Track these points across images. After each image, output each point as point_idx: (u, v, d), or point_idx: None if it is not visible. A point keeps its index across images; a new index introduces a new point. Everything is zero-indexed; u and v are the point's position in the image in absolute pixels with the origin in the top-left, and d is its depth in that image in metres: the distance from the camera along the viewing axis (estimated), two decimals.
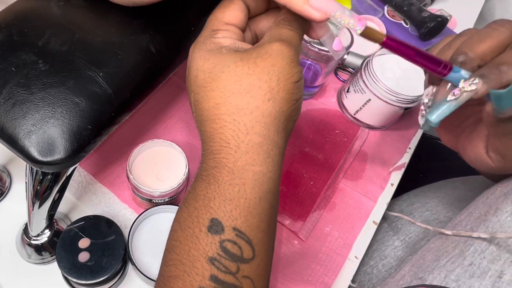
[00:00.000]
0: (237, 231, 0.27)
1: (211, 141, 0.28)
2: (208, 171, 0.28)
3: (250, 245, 0.27)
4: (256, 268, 0.28)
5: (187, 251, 0.27)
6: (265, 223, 0.28)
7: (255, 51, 0.29)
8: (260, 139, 0.28)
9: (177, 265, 0.27)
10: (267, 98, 0.28)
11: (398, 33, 0.71)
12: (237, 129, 0.28)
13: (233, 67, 0.28)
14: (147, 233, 0.48)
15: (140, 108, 0.39)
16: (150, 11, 0.38)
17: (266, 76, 0.28)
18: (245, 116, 0.27)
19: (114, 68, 0.35)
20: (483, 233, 0.37)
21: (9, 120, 0.32)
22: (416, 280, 0.39)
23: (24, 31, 0.34)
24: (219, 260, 0.26)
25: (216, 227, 0.27)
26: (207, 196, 0.28)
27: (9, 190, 0.52)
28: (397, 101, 0.57)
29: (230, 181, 0.27)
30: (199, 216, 0.27)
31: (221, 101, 0.28)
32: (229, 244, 0.27)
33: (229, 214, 0.27)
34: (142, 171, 0.49)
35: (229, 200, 0.27)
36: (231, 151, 0.28)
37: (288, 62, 0.28)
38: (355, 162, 0.61)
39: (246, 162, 0.27)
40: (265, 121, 0.28)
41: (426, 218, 0.56)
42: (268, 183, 0.28)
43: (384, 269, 0.55)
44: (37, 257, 0.47)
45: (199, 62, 0.30)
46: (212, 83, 0.28)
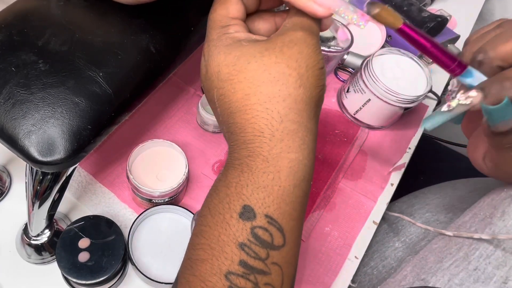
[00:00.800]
0: (269, 218, 0.27)
1: (243, 132, 0.28)
2: (241, 160, 0.28)
3: (281, 233, 0.27)
4: (286, 255, 0.28)
5: (216, 236, 0.27)
6: (297, 211, 0.28)
7: (278, 40, 0.29)
8: (294, 126, 0.28)
9: (206, 249, 0.27)
10: (298, 85, 0.28)
11: None
12: (270, 118, 0.28)
13: (259, 57, 0.28)
14: (147, 233, 0.48)
15: (140, 108, 0.39)
16: (150, 11, 0.38)
17: (295, 63, 0.28)
18: (278, 104, 0.28)
19: (114, 68, 0.35)
20: (484, 234, 0.36)
21: (9, 120, 0.32)
22: (418, 281, 0.39)
23: (24, 31, 0.34)
24: (249, 246, 0.26)
25: (248, 213, 0.27)
26: (239, 183, 0.28)
27: (9, 190, 0.52)
28: (397, 101, 0.57)
29: (265, 169, 0.27)
30: (230, 203, 0.28)
31: (251, 91, 0.28)
32: (260, 231, 0.27)
33: (262, 201, 0.27)
34: (142, 171, 0.49)
35: (263, 187, 0.27)
36: (266, 140, 0.28)
37: (313, 50, 0.29)
38: (355, 162, 0.61)
39: (281, 150, 0.27)
40: (298, 107, 0.28)
41: (426, 219, 0.56)
42: (303, 170, 0.28)
43: (384, 270, 0.55)
44: (37, 257, 0.47)
45: (219, 57, 0.29)
46: (238, 75, 0.28)
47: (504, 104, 0.30)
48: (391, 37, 0.72)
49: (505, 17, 0.37)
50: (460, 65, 0.32)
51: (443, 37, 0.72)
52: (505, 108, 0.30)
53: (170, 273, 0.46)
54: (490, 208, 0.39)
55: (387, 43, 0.72)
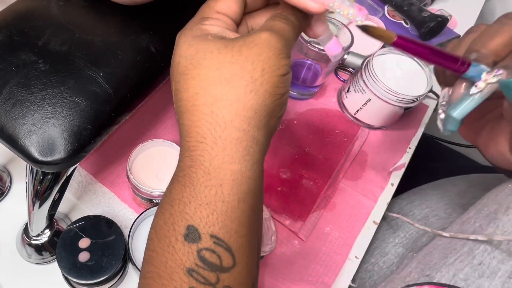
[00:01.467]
0: (215, 238, 0.25)
1: (188, 136, 0.26)
2: (184, 171, 0.26)
3: (229, 253, 0.25)
4: (238, 276, 0.26)
5: (164, 262, 0.25)
6: (245, 227, 0.26)
7: (241, 39, 0.27)
8: (239, 134, 0.26)
9: (155, 278, 0.26)
10: (249, 90, 0.25)
11: (398, 33, 0.72)
12: (214, 122, 0.25)
13: (216, 53, 0.26)
14: (147, 233, 0.48)
15: (140, 108, 0.39)
16: (150, 11, 0.38)
17: (250, 66, 0.26)
18: (224, 108, 0.25)
19: (114, 68, 0.35)
20: (480, 235, 0.36)
21: (9, 120, 0.32)
22: (423, 277, 0.39)
23: (24, 31, 0.34)
24: (197, 271, 0.25)
25: (193, 235, 0.25)
26: (182, 200, 0.26)
27: (9, 190, 0.52)
28: (397, 101, 0.57)
29: (206, 183, 0.25)
30: (174, 223, 0.26)
31: (200, 90, 0.26)
32: (207, 253, 0.25)
33: (205, 220, 0.25)
34: (142, 171, 0.49)
35: (206, 204, 0.25)
36: (208, 148, 0.26)
37: (275, 53, 0.26)
38: (355, 162, 0.61)
39: (223, 160, 0.25)
40: (245, 114, 0.26)
41: (426, 215, 0.56)
42: (247, 183, 0.26)
43: (385, 266, 0.55)
44: (37, 257, 0.47)
45: (182, 47, 0.28)
46: (193, 70, 0.26)
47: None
48: None
49: None
50: (464, 63, 0.32)
51: (443, 37, 0.72)
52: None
53: None
54: (494, 204, 0.39)
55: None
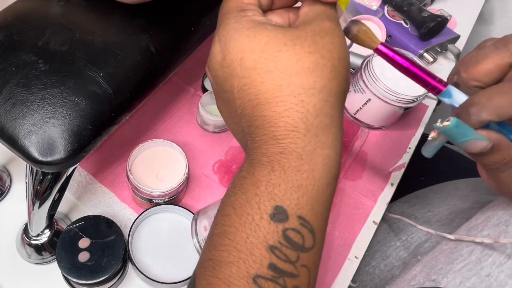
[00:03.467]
0: (302, 220, 0.26)
1: (273, 126, 0.26)
2: (271, 157, 0.26)
3: (312, 234, 0.26)
4: (314, 256, 0.27)
5: (244, 238, 0.26)
6: (327, 210, 0.27)
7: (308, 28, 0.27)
8: (328, 120, 0.26)
9: (231, 251, 0.26)
10: (333, 76, 0.26)
11: (398, 33, 0.71)
12: (305, 111, 0.26)
13: (291, 45, 0.26)
14: (147, 233, 0.48)
15: (140, 108, 0.39)
16: (150, 11, 0.38)
17: (328, 54, 0.26)
18: (313, 97, 0.26)
19: (114, 68, 0.35)
20: (486, 238, 0.36)
21: (9, 120, 0.32)
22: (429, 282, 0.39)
23: (24, 31, 0.34)
24: (280, 248, 0.25)
25: (281, 215, 0.25)
26: (270, 182, 0.26)
27: (9, 190, 0.52)
28: (397, 101, 0.57)
29: (299, 167, 0.26)
30: (260, 203, 0.26)
31: (283, 82, 0.26)
32: (292, 233, 0.25)
33: (295, 201, 0.26)
34: (142, 171, 0.49)
35: (297, 187, 0.26)
36: (300, 135, 0.26)
37: (342, 41, 0.27)
38: (355, 162, 0.61)
39: (316, 146, 0.26)
40: (332, 100, 0.26)
41: (428, 219, 0.56)
42: (335, 167, 0.27)
43: (386, 269, 0.55)
44: (37, 257, 0.47)
45: (243, 41, 0.27)
46: (267, 63, 0.26)
47: (453, 125, 0.29)
48: (391, 37, 0.72)
49: (505, 17, 0.36)
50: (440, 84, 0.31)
51: (443, 37, 0.72)
52: (455, 129, 0.29)
53: (170, 273, 0.46)
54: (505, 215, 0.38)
55: (387, 43, 0.72)
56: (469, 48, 0.99)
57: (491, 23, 1.00)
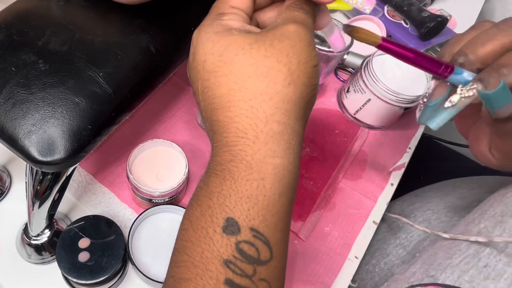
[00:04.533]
0: (254, 232, 0.25)
1: (225, 132, 0.26)
2: (223, 165, 0.26)
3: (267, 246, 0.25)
4: (273, 270, 0.26)
5: (199, 252, 0.25)
6: (283, 221, 0.26)
7: (270, 32, 0.27)
8: (280, 128, 0.25)
9: (189, 267, 0.26)
10: (288, 82, 0.25)
11: (398, 33, 0.71)
12: (255, 117, 0.25)
13: (248, 49, 0.26)
14: (147, 233, 0.48)
15: (140, 108, 0.39)
16: (150, 11, 0.38)
17: (285, 58, 0.25)
18: (264, 103, 0.25)
19: (114, 68, 0.35)
20: (481, 237, 0.36)
21: (9, 120, 0.32)
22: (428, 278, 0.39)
23: (24, 31, 0.34)
24: (234, 262, 0.25)
25: (232, 227, 0.25)
26: (222, 193, 0.26)
27: (9, 190, 0.52)
28: (397, 101, 0.57)
29: (248, 176, 0.25)
30: (213, 215, 0.25)
31: (236, 86, 0.26)
32: (245, 246, 0.25)
33: (246, 213, 0.25)
34: (142, 171, 0.49)
35: (246, 197, 0.25)
36: (249, 142, 0.25)
37: (306, 44, 0.26)
38: (355, 162, 0.61)
39: (265, 154, 0.25)
40: (285, 107, 0.26)
41: (427, 217, 0.56)
42: (288, 176, 0.26)
43: (386, 267, 0.55)
44: (37, 257, 0.47)
45: (207, 45, 0.27)
46: (224, 67, 0.26)
47: (501, 87, 0.29)
48: (391, 37, 0.72)
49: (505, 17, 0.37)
50: (447, 68, 0.32)
51: (443, 37, 0.72)
52: (502, 91, 0.30)
53: None
54: (500, 206, 0.38)
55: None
56: None
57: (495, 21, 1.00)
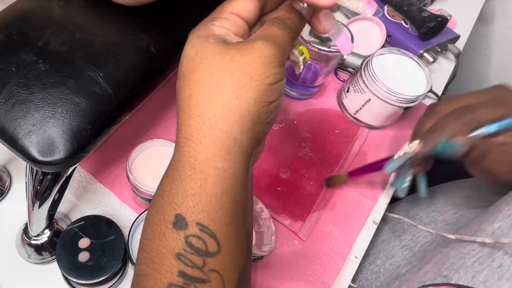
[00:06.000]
0: (200, 226, 0.27)
1: (179, 133, 0.29)
2: (173, 165, 0.29)
3: (214, 239, 0.27)
4: (223, 261, 0.28)
5: (155, 248, 0.27)
6: (229, 217, 0.28)
7: (236, 46, 0.28)
8: (222, 136, 0.27)
9: (148, 264, 0.28)
10: (235, 96, 0.27)
11: (398, 33, 0.71)
12: (201, 122, 0.27)
13: (210, 59, 0.28)
14: None
15: (140, 108, 0.39)
16: (150, 11, 0.38)
17: (238, 73, 0.27)
18: (210, 111, 0.27)
19: (114, 68, 0.35)
20: (487, 238, 0.36)
21: (9, 120, 0.32)
22: (440, 277, 0.39)
23: (24, 31, 0.34)
24: (185, 255, 0.27)
25: (180, 222, 0.27)
26: (171, 191, 0.28)
27: (9, 190, 0.52)
28: (397, 101, 0.57)
29: (192, 176, 0.27)
30: (164, 213, 0.28)
31: (194, 92, 0.28)
32: (193, 239, 0.27)
33: (192, 209, 0.27)
34: (142, 171, 0.49)
35: (191, 195, 0.27)
36: (193, 145, 0.28)
37: (265, 62, 0.27)
38: (355, 162, 0.61)
39: (207, 157, 0.27)
40: (229, 118, 0.27)
41: (433, 218, 0.56)
42: (230, 178, 0.28)
43: (391, 268, 0.55)
44: (37, 257, 0.47)
45: (187, 47, 0.29)
46: (191, 72, 0.28)
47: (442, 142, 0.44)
48: (391, 37, 0.72)
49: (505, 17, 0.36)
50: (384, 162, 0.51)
51: (443, 37, 0.72)
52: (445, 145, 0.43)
53: None
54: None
55: (387, 43, 0.72)
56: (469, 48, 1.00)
57: (491, 23, 1.00)
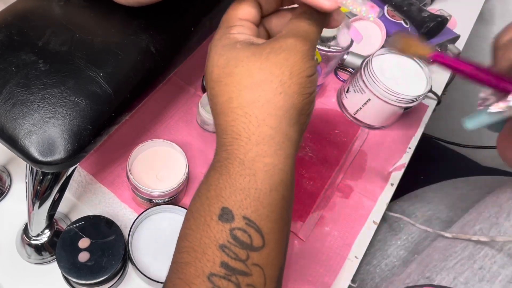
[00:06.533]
0: (247, 220, 0.28)
1: (224, 134, 0.29)
2: (221, 162, 0.29)
3: (259, 234, 0.28)
4: (267, 256, 0.28)
5: (198, 238, 0.28)
6: (275, 213, 0.29)
7: (268, 45, 0.29)
8: (271, 131, 0.28)
9: (190, 252, 0.28)
10: (279, 92, 0.28)
11: None
12: (248, 122, 0.28)
13: (246, 62, 0.29)
14: (147, 233, 0.48)
15: (140, 108, 0.39)
16: (150, 11, 0.38)
17: (277, 71, 0.28)
18: (256, 109, 0.28)
19: (114, 68, 0.35)
20: (483, 236, 0.37)
21: (9, 120, 0.32)
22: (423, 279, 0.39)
23: (24, 31, 0.34)
24: (229, 247, 0.27)
25: (227, 215, 0.28)
26: (218, 186, 0.29)
27: (9, 190, 0.52)
28: (396, 101, 0.57)
29: (241, 172, 0.28)
30: (210, 205, 0.28)
31: (234, 95, 0.29)
32: (239, 232, 0.27)
33: (239, 203, 0.28)
34: (142, 171, 0.49)
35: (240, 190, 0.28)
36: (242, 143, 0.28)
37: (301, 57, 0.29)
38: (355, 162, 0.61)
39: (257, 154, 0.28)
40: (276, 113, 0.28)
41: (428, 217, 0.56)
42: (279, 174, 0.29)
43: (387, 268, 0.55)
44: (37, 257, 0.47)
45: (214, 58, 0.30)
46: (226, 78, 0.29)
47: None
48: (391, 37, 0.72)
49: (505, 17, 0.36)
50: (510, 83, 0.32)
51: (443, 37, 0.72)
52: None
53: None
54: (495, 207, 0.39)
55: (387, 43, 0.72)
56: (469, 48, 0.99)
57: (491, 23, 1.00)
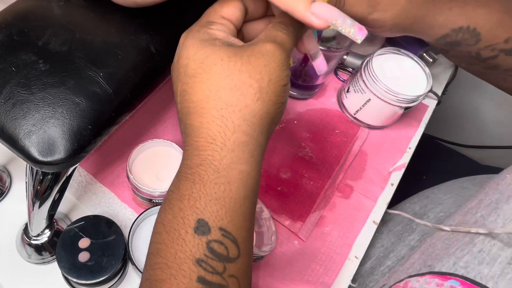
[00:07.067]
0: (223, 231, 0.27)
1: (197, 136, 0.28)
2: (193, 169, 0.28)
3: (235, 244, 0.27)
4: (241, 266, 0.28)
5: (173, 254, 0.27)
6: (248, 221, 0.29)
7: (249, 48, 0.29)
8: (246, 138, 0.28)
9: (163, 269, 0.27)
10: (257, 98, 0.28)
11: None
12: (224, 126, 0.27)
13: (226, 61, 0.28)
14: (147, 233, 0.48)
15: (140, 108, 0.39)
16: (150, 11, 0.38)
17: (257, 75, 0.28)
18: (233, 114, 0.27)
19: (114, 68, 0.35)
20: (481, 228, 0.37)
21: (10, 120, 0.32)
22: (425, 267, 0.39)
23: (24, 31, 0.34)
24: (206, 261, 0.26)
25: (203, 228, 0.27)
26: (192, 196, 0.27)
27: (9, 190, 0.52)
28: (397, 101, 0.57)
29: (216, 180, 0.27)
30: (184, 217, 0.27)
31: (211, 94, 0.28)
32: (215, 245, 0.27)
33: (215, 214, 0.27)
34: (142, 171, 0.49)
35: (215, 199, 0.27)
36: (217, 148, 0.27)
37: (279, 65, 0.28)
38: (355, 162, 0.61)
39: (231, 161, 0.27)
40: (252, 120, 0.28)
41: (440, 219, 0.56)
42: (251, 182, 0.28)
43: (389, 268, 0.55)
44: (37, 257, 0.47)
45: (190, 50, 0.29)
46: (202, 74, 0.28)
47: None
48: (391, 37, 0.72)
49: None
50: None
51: None
52: None
53: None
54: (496, 193, 0.39)
55: (387, 43, 0.72)
56: None
57: None
